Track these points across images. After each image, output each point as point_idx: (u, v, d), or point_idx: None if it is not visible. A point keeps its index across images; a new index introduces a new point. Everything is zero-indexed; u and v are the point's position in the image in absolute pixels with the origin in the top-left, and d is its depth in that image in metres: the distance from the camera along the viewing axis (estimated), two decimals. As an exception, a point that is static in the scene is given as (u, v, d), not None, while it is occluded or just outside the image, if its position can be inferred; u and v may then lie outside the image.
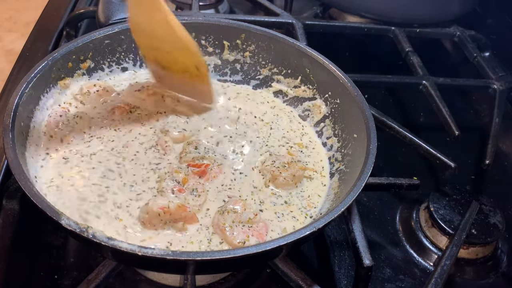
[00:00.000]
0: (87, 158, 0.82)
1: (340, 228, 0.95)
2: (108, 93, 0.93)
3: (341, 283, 0.87)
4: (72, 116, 0.87)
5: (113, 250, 0.61)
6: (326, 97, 0.94)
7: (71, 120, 0.86)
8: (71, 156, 0.82)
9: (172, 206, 0.72)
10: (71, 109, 0.89)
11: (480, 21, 1.47)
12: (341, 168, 0.85)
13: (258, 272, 0.86)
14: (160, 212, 0.72)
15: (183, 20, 0.99)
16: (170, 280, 0.82)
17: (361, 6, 1.36)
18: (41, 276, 0.81)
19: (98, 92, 0.91)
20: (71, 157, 0.82)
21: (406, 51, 1.27)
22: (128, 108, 0.91)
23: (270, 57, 1.00)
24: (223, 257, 0.62)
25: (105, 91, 0.92)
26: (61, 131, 0.84)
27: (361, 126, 0.82)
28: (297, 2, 1.44)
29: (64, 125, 0.85)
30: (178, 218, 0.73)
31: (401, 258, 0.93)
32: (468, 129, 1.20)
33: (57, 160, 0.81)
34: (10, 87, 1.00)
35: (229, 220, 0.74)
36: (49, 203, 0.65)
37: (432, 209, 0.94)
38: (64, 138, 0.84)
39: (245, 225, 0.74)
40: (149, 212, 0.72)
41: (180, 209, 0.73)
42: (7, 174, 0.84)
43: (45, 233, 0.87)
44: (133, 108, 0.91)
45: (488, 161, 1.06)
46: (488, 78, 1.26)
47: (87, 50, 0.92)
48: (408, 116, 1.27)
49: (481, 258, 0.93)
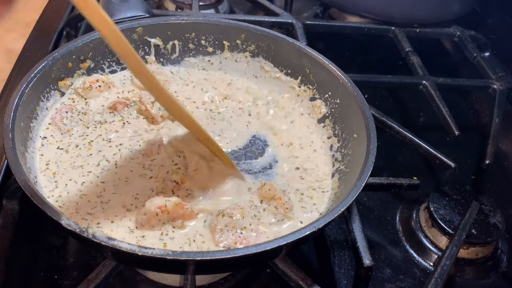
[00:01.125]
0: (87, 152, 0.83)
1: (340, 228, 0.95)
2: (109, 88, 0.94)
3: (341, 283, 0.87)
4: (77, 112, 0.88)
5: (113, 250, 0.61)
6: (326, 97, 0.94)
7: (75, 116, 0.87)
8: (71, 150, 0.83)
9: (170, 204, 0.72)
10: (73, 105, 0.90)
11: (480, 21, 1.47)
12: (341, 168, 0.85)
13: (258, 272, 0.86)
14: (158, 211, 0.72)
15: (183, 20, 1.00)
16: (170, 280, 0.82)
17: (361, 6, 1.36)
18: (41, 276, 0.81)
19: (99, 88, 0.92)
20: (71, 150, 0.83)
21: (406, 51, 1.27)
22: (129, 103, 0.91)
23: (270, 57, 1.00)
24: (223, 257, 0.62)
25: (107, 86, 0.93)
26: (65, 126, 0.85)
27: (361, 126, 0.82)
28: (297, 2, 1.44)
29: (68, 120, 0.86)
30: (176, 216, 0.73)
31: (401, 258, 0.93)
32: (468, 129, 1.20)
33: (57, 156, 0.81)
34: (10, 87, 1.00)
35: (222, 223, 0.74)
36: (49, 203, 0.65)
37: (432, 209, 0.94)
38: (67, 132, 0.85)
39: (237, 231, 0.74)
40: (146, 213, 0.72)
41: (178, 207, 0.73)
42: (7, 174, 0.83)
43: (45, 233, 0.87)
44: (133, 103, 0.92)
45: (488, 161, 1.06)
46: (488, 78, 1.26)
47: (87, 50, 0.93)
48: (408, 116, 1.27)
49: (481, 258, 0.93)
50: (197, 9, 1.24)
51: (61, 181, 0.78)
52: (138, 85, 0.96)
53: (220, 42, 1.01)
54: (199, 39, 1.01)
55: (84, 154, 0.83)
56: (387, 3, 1.34)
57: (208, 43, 1.02)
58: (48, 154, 0.82)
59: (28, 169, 0.74)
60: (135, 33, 0.97)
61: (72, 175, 0.79)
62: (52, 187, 0.77)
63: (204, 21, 1.01)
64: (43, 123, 0.85)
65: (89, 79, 0.93)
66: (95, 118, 0.89)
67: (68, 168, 0.80)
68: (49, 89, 0.87)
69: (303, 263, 0.80)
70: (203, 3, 1.36)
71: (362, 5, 1.36)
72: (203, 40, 1.01)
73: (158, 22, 0.99)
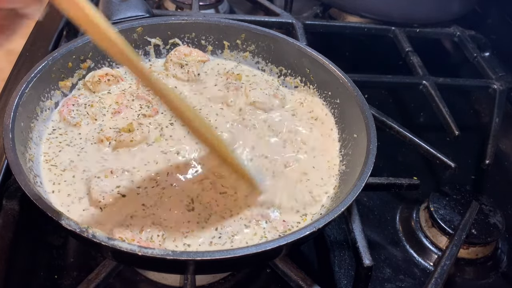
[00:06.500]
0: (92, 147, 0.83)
1: (340, 228, 0.95)
2: (118, 82, 0.94)
3: (341, 283, 0.87)
4: (83, 105, 0.89)
5: (113, 250, 0.61)
6: (326, 97, 0.94)
7: (82, 109, 0.88)
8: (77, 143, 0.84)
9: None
10: (81, 99, 0.90)
11: (480, 21, 1.47)
12: (341, 168, 0.85)
13: (258, 272, 0.86)
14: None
15: (183, 20, 1.00)
16: (170, 280, 0.82)
17: (361, 6, 1.36)
18: (41, 276, 0.82)
19: (108, 81, 0.93)
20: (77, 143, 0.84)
21: (406, 51, 1.27)
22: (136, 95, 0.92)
23: (270, 57, 1.00)
24: (223, 257, 0.62)
25: (116, 80, 0.94)
26: (73, 119, 0.86)
27: (361, 126, 0.82)
28: (297, 2, 1.44)
29: (75, 113, 0.87)
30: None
31: (401, 258, 0.93)
32: (468, 129, 1.20)
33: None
34: (10, 87, 1.00)
35: None
36: (49, 203, 0.65)
37: (432, 209, 0.94)
38: (75, 125, 0.86)
39: None
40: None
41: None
42: (7, 174, 0.83)
43: (45, 233, 0.87)
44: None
45: (488, 161, 1.06)
46: (488, 78, 1.26)
47: (87, 50, 0.92)
48: (408, 116, 1.27)
49: (481, 258, 0.93)
50: (197, 9, 1.24)
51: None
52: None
53: (220, 42, 1.01)
54: (199, 39, 1.01)
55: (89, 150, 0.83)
56: (387, 3, 1.34)
57: (208, 43, 1.02)
58: (52, 149, 0.82)
59: (28, 169, 0.74)
60: (135, 33, 0.97)
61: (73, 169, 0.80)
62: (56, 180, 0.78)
63: (204, 21, 1.01)
64: (50, 119, 0.86)
65: (98, 72, 0.93)
66: (103, 111, 0.89)
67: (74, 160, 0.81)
68: (49, 89, 0.87)
69: (303, 263, 0.80)
70: (203, 3, 1.36)
71: (362, 5, 1.36)
72: (203, 40, 1.01)
73: (158, 22, 0.99)
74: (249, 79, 0.99)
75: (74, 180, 0.78)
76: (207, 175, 0.81)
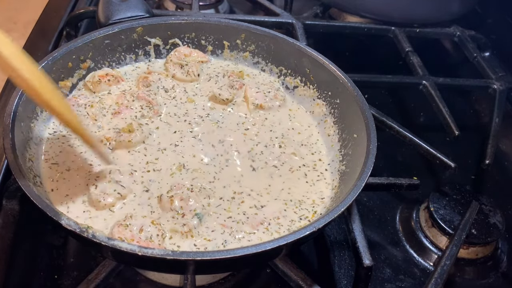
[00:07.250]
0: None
1: (340, 228, 0.95)
2: (118, 82, 0.95)
3: (341, 283, 0.87)
4: (83, 105, 0.89)
5: (113, 250, 0.61)
6: (326, 97, 0.94)
7: (82, 109, 0.88)
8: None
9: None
10: (81, 99, 0.90)
11: (480, 21, 1.47)
12: (341, 168, 0.85)
13: (258, 272, 0.86)
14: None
15: (183, 20, 1.00)
16: (170, 280, 0.82)
17: (361, 6, 1.36)
18: (41, 276, 0.82)
19: (108, 82, 0.93)
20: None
21: (406, 51, 1.27)
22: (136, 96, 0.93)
23: (270, 57, 1.00)
24: (223, 257, 0.62)
25: (116, 80, 0.94)
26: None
27: (361, 126, 0.82)
28: (297, 2, 1.44)
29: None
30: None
31: (401, 258, 0.93)
32: (468, 129, 1.20)
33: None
34: (10, 87, 1.00)
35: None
36: (49, 203, 0.65)
37: (432, 209, 0.94)
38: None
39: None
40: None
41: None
42: (7, 174, 0.83)
43: (45, 233, 0.87)
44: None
45: (488, 161, 1.06)
46: (488, 78, 1.26)
47: (87, 50, 0.93)
48: (408, 116, 1.27)
49: (481, 258, 0.93)
50: (197, 9, 1.24)
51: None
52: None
53: (220, 42, 1.01)
54: (199, 39, 1.01)
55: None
56: (387, 3, 1.34)
57: (208, 43, 1.02)
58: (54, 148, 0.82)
59: (28, 169, 0.74)
60: (135, 33, 0.97)
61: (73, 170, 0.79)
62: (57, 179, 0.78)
63: (204, 21, 1.01)
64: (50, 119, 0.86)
65: (98, 73, 0.93)
66: (103, 111, 0.89)
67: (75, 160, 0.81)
68: (49, 89, 0.87)
69: (303, 263, 0.80)
70: (203, 3, 1.36)
71: (362, 5, 1.36)
72: (203, 40, 1.02)
73: (158, 22, 0.99)
74: (249, 79, 1.00)
75: (74, 180, 0.78)
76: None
